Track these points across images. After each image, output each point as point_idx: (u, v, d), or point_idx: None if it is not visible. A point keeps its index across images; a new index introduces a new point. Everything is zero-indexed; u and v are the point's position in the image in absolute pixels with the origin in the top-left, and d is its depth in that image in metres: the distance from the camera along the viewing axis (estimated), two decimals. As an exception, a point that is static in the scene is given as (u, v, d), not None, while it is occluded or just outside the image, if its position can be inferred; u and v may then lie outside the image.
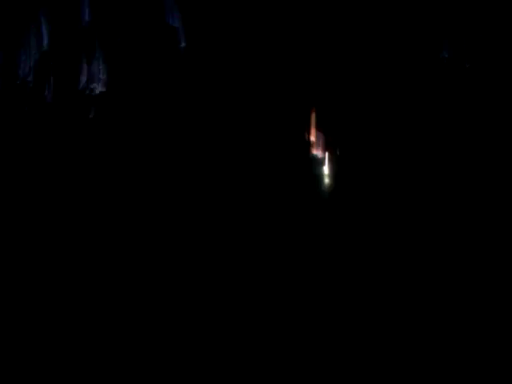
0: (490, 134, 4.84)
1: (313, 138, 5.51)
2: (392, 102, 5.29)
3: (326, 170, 5.46)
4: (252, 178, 5.16)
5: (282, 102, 5.43)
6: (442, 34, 5.06)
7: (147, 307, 3.80)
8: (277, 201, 5.15)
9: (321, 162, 5.48)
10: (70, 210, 4.37)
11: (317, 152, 5.50)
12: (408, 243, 4.66)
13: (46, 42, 4.73)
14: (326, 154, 5.50)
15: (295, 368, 3.38)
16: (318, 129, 5.48)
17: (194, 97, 5.21)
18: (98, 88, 4.84)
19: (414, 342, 3.48)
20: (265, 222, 4.88)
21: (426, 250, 4.52)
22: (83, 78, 4.80)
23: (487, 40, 4.93)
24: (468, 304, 3.67)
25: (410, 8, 5.09)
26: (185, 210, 4.63)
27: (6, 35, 4.63)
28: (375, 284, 4.36)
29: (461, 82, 4.96)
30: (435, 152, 5.04)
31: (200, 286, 4.10)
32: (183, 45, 5.13)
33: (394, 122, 5.27)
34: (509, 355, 3.20)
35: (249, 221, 4.81)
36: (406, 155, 5.16)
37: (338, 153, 5.45)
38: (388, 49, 5.26)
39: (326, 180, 5.39)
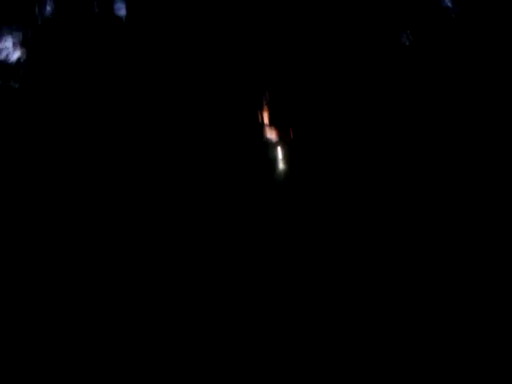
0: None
1: (264, 119, 5.01)
2: (345, 82, 4.95)
3: (279, 153, 4.98)
4: (206, 164, 4.86)
5: (234, 87, 4.95)
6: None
7: (145, 306, 3.80)
8: (230, 186, 4.69)
9: (274, 146, 4.99)
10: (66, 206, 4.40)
11: (270, 136, 5.00)
12: (366, 228, 4.40)
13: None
14: (280, 137, 5.02)
15: (293, 366, 3.25)
16: (270, 112, 4.99)
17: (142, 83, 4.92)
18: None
19: (412, 340, 3.31)
20: (221, 209, 4.65)
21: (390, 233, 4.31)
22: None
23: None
24: (468, 302, 3.53)
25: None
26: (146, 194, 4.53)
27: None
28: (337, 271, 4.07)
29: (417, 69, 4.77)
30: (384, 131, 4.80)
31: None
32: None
33: (346, 102, 4.93)
34: (509, 355, 3.05)
35: (206, 208, 4.64)
36: (364, 135, 4.85)
37: (292, 136, 5.00)
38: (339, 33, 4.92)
39: (281, 164, 4.93)
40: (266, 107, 5.00)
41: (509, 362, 2.95)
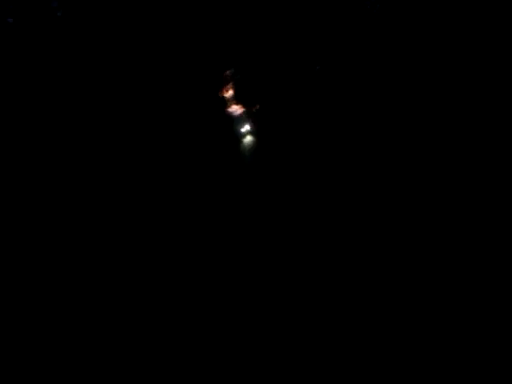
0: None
1: (228, 94, 4.87)
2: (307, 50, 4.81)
3: (245, 127, 4.85)
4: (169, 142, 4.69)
5: (197, 61, 4.81)
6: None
7: (145, 306, 3.80)
8: (197, 166, 4.56)
9: (239, 120, 4.86)
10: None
11: (233, 109, 4.87)
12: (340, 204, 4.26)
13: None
14: (244, 110, 4.89)
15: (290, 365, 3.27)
16: (233, 83, 4.85)
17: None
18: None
19: (412, 340, 3.30)
20: (189, 191, 4.50)
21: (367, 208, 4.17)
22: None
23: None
24: (468, 302, 3.48)
25: None
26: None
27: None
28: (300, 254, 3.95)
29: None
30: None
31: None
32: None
33: (310, 70, 4.81)
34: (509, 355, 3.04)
35: (175, 190, 4.51)
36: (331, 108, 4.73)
37: (258, 107, 4.87)
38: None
39: (248, 139, 4.81)
40: (230, 81, 4.87)
41: (509, 362, 2.92)
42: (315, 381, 3.14)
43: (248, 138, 4.71)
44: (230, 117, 4.84)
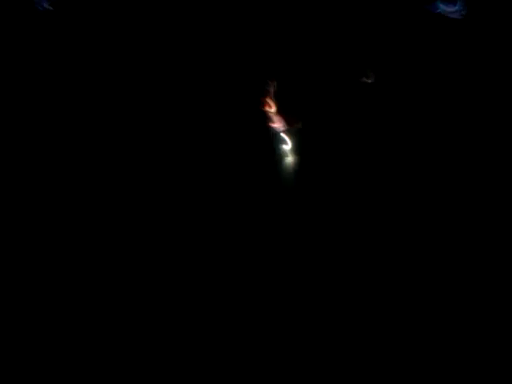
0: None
1: (270, 109, 4.74)
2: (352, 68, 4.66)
3: (288, 145, 4.71)
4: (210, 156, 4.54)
5: (238, 76, 4.73)
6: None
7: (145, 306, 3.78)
8: (236, 179, 4.48)
9: (281, 137, 4.73)
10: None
11: (275, 125, 4.74)
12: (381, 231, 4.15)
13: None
14: (288, 125, 4.75)
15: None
16: (278, 100, 4.72)
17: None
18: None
19: (412, 340, 3.36)
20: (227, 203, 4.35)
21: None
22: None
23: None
24: (468, 302, 3.50)
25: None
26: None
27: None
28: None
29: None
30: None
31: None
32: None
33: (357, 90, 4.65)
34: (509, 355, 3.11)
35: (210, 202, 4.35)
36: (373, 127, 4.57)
37: (301, 125, 4.72)
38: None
39: (290, 159, 4.66)
40: (272, 95, 4.73)
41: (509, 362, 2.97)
42: (315, 381, 3.15)
43: (290, 158, 4.58)
44: (272, 133, 4.72)
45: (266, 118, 4.67)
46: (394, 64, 4.63)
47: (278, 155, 4.61)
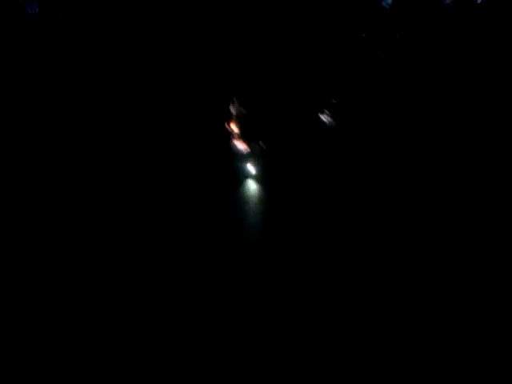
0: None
1: (234, 128, 4.71)
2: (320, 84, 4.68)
3: (248, 168, 4.70)
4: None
5: (201, 95, 4.64)
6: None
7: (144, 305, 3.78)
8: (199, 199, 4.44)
9: (243, 158, 4.71)
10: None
11: (237, 144, 4.72)
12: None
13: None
14: (248, 147, 4.74)
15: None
16: (240, 123, 4.69)
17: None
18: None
19: (412, 340, 3.35)
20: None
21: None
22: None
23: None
24: (468, 302, 3.53)
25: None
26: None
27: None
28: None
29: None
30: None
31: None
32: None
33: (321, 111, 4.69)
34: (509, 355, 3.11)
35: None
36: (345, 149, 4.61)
37: (265, 148, 4.73)
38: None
39: (251, 186, 4.64)
40: (235, 117, 4.70)
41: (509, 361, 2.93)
42: (315, 381, 3.14)
43: (250, 184, 4.56)
44: (234, 153, 4.69)
45: (229, 137, 4.64)
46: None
47: (238, 178, 4.60)
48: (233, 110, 4.66)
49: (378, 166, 4.44)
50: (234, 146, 4.65)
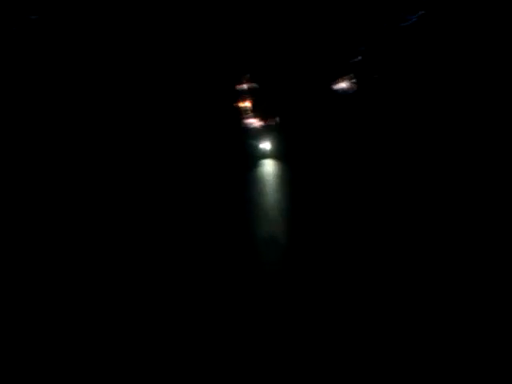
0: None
1: (244, 105, 4.38)
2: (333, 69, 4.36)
3: (264, 144, 4.35)
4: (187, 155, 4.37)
5: (214, 73, 4.40)
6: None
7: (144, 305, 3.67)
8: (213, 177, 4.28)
9: (257, 134, 4.37)
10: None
11: (250, 121, 4.38)
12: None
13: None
14: (262, 122, 4.39)
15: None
16: (250, 93, 4.35)
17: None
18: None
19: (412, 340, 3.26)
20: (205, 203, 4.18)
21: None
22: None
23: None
24: (467, 302, 3.42)
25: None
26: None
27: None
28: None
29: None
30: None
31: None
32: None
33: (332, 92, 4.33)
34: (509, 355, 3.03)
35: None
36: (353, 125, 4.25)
37: (279, 121, 4.36)
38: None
39: (267, 165, 4.30)
40: (248, 93, 4.36)
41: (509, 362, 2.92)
42: (315, 381, 3.10)
43: (267, 164, 4.21)
44: (247, 130, 4.35)
45: (240, 114, 4.31)
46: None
47: (253, 158, 4.27)
48: (245, 85, 4.33)
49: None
50: (247, 123, 4.31)
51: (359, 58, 4.23)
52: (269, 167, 4.31)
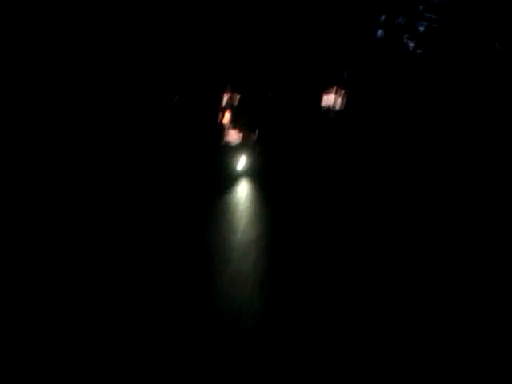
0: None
1: (225, 120, 4.27)
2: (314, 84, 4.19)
3: (242, 162, 4.23)
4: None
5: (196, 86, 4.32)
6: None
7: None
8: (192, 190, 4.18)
9: (236, 151, 4.26)
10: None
11: (230, 137, 4.27)
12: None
13: None
14: (242, 136, 4.27)
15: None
16: (230, 107, 4.24)
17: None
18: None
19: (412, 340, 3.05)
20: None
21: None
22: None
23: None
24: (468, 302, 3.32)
25: None
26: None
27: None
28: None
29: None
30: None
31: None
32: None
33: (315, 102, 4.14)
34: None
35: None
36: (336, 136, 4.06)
37: (256, 138, 4.23)
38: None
39: (244, 189, 4.19)
40: (228, 108, 4.24)
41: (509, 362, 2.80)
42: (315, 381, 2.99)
43: (244, 187, 4.08)
44: (227, 147, 4.25)
45: (221, 131, 4.21)
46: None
47: (232, 178, 4.18)
48: (226, 97, 4.22)
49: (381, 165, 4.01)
50: (226, 137, 4.21)
51: (345, 72, 4.02)
52: (243, 190, 4.17)
